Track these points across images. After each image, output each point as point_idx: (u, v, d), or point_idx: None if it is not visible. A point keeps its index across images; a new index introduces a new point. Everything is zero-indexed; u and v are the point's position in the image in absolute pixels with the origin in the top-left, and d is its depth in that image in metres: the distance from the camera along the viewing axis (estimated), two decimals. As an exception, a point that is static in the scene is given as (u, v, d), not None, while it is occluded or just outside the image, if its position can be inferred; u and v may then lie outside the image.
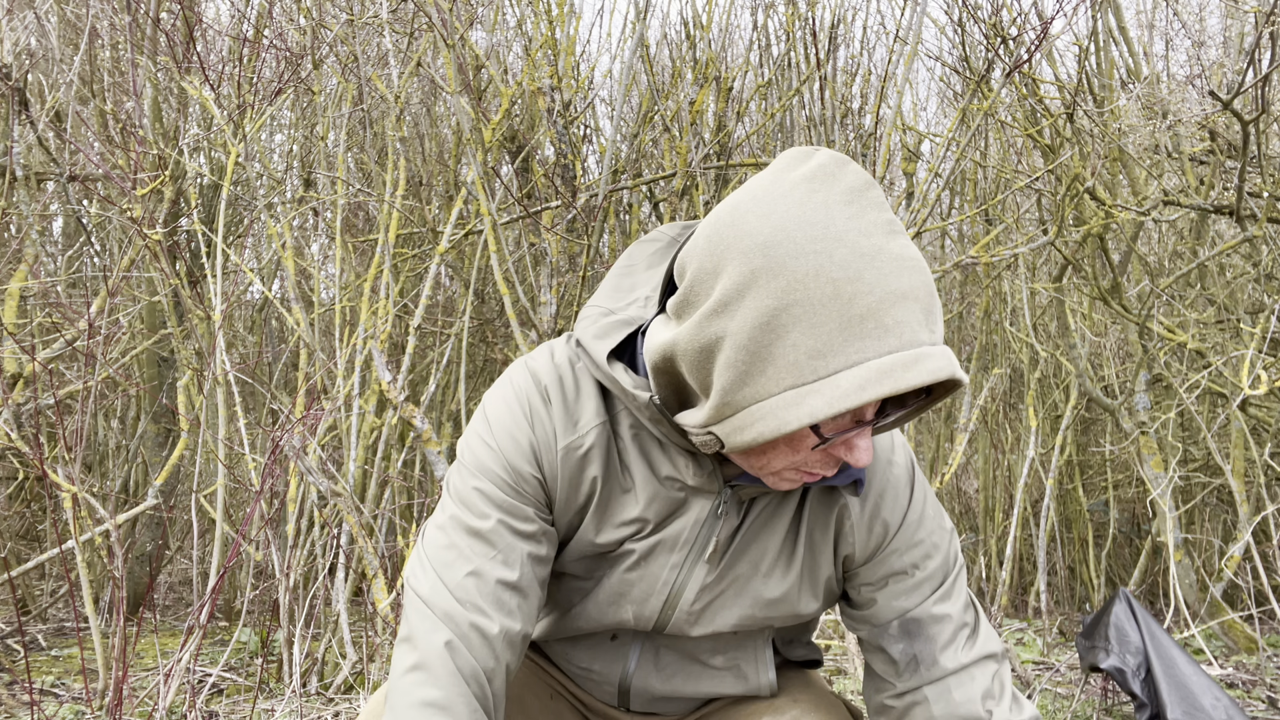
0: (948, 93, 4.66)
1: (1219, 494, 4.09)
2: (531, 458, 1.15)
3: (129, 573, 3.35)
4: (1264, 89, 2.74)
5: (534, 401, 1.16)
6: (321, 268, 3.76)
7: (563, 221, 3.18)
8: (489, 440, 1.16)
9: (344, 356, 3.09)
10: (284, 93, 3.24)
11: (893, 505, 1.17)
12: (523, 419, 1.15)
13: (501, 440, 1.16)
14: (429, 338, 3.81)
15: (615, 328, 1.12)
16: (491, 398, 1.19)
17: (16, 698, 2.81)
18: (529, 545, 1.14)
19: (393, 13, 3.25)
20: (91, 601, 2.82)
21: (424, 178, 3.82)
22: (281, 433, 2.70)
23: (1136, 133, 3.51)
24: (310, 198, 3.75)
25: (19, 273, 3.36)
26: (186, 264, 3.49)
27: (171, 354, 3.86)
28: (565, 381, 1.17)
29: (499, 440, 1.16)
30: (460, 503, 1.16)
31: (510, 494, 1.15)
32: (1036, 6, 3.08)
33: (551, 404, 1.16)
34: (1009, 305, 4.18)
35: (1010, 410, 4.60)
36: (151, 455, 3.86)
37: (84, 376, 2.95)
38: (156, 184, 3.15)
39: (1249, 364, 2.92)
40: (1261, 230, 3.08)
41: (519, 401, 1.16)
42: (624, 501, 1.17)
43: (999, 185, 4.12)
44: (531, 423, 1.15)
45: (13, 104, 3.11)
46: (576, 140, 3.29)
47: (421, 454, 3.58)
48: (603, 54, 7.78)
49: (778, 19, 3.55)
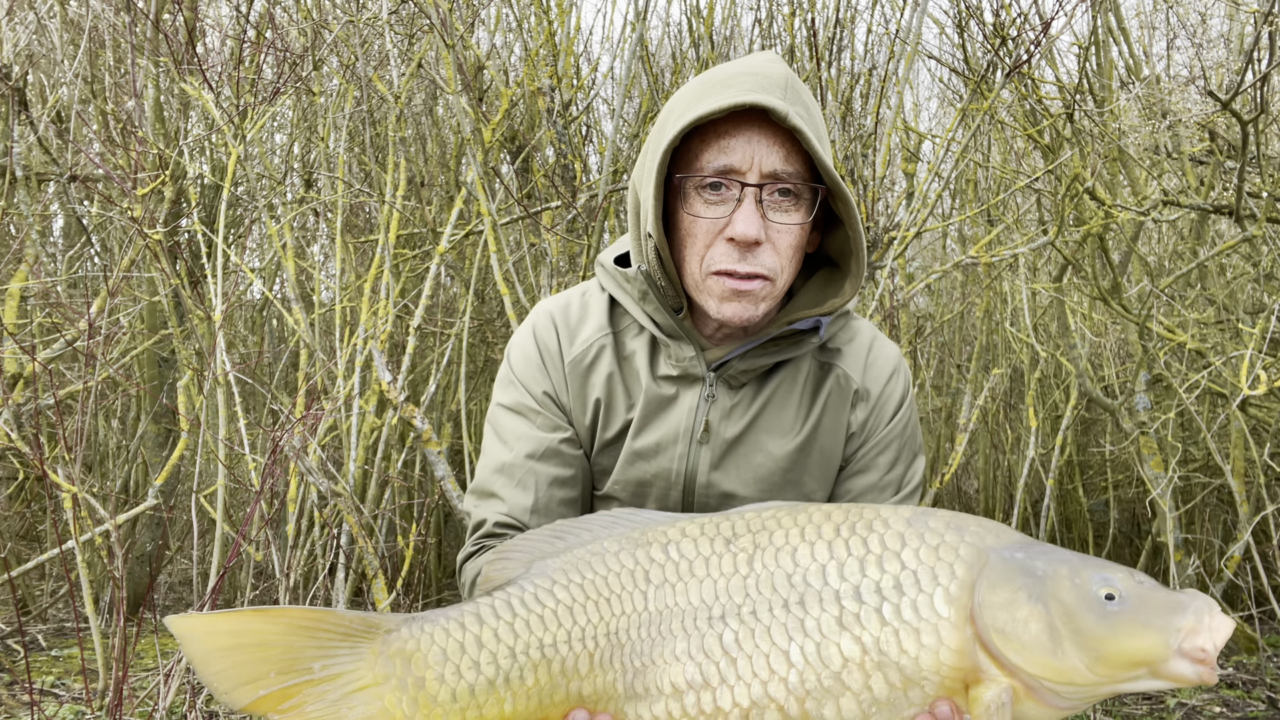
0: (948, 93, 4.67)
1: (1219, 494, 4.08)
2: (544, 375, 1.40)
3: (129, 573, 3.35)
4: (1263, 89, 2.74)
5: (540, 329, 1.41)
6: (322, 268, 3.76)
7: (563, 221, 3.18)
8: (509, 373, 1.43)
9: (344, 356, 3.09)
10: (283, 94, 3.24)
11: (881, 411, 1.43)
12: (532, 346, 1.41)
13: (518, 368, 1.41)
14: (429, 338, 3.81)
15: (622, 245, 1.43)
16: (512, 339, 1.46)
17: (16, 698, 2.81)
18: (553, 462, 1.38)
19: (393, 13, 3.25)
20: (91, 601, 2.82)
21: (424, 178, 3.82)
22: (281, 433, 2.70)
23: (1136, 133, 3.51)
24: (311, 198, 3.75)
25: (19, 273, 3.36)
26: (187, 264, 3.49)
27: (172, 354, 3.86)
28: (571, 307, 1.43)
29: (517, 369, 1.41)
30: (491, 423, 1.44)
31: (533, 409, 1.39)
32: (1036, 6, 3.08)
33: (556, 327, 1.41)
34: (1009, 305, 4.18)
35: (1010, 410, 4.60)
36: (151, 455, 3.86)
37: (84, 376, 2.95)
38: (156, 184, 3.15)
39: (1249, 364, 2.92)
40: (1261, 230, 3.08)
41: (529, 333, 1.42)
42: (622, 406, 1.39)
43: (999, 185, 4.12)
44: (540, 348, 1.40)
45: (13, 104, 3.11)
46: (577, 140, 3.29)
47: (421, 454, 3.57)
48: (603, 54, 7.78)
49: (779, 19, 3.55)
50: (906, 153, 3.93)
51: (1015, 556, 1.02)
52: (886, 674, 1.00)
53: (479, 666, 1.06)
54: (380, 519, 3.25)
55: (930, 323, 4.60)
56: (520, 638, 1.07)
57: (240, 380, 3.10)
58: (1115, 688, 0.99)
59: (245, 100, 3.06)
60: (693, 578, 1.08)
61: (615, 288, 1.39)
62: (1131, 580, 1.00)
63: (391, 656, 1.05)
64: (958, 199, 4.51)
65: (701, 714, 1.03)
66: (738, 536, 1.10)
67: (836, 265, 1.38)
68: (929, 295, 4.69)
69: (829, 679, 1.01)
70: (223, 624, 1.02)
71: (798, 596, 1.04)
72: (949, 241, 4.93)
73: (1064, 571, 1.01)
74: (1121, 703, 3.09)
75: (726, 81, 1.23)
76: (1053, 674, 0.98)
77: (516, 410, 1.40)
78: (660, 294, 1.31)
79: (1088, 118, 3.42)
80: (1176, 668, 0.96)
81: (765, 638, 1.04)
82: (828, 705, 1.01)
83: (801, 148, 1.24)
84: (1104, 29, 3.61)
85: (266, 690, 1.01)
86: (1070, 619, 0.98)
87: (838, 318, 1.41)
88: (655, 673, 1.05)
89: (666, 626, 1.07)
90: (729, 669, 1.03)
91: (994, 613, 0.99)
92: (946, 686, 0.99)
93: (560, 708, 1.06)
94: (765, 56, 1.28)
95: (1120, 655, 0.97)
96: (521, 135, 3.58)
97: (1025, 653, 0.98)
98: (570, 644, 1.07)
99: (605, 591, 1.09)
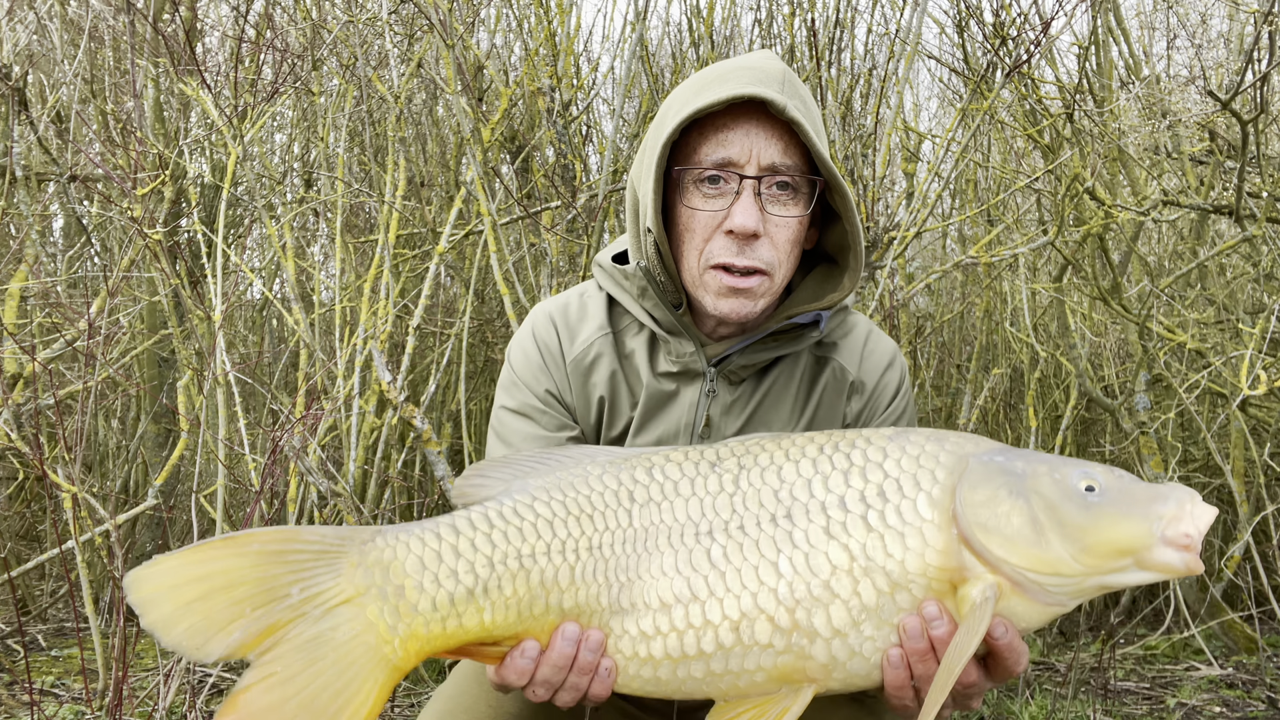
0: (948, 93, 4.67)
1: (1219, 494, 4.08)
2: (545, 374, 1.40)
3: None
4: (1263, 89, 2.74)
5: (540, 330, 1.42)
6: (322, 268, 3.76)
7: (563, 221, 3.18)
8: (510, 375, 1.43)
9: (344, 356, 3.09)
10: (282, 94, 3.24)
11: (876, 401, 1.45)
12: (532, 346, 1.41)
13: (519, 368, 1.41)
14: (429, 338, 3.81)
15: (619, 245, 1.44)
16: (512, 342, 1.47)
17: (16, 698, 2.81)
18: None
19: (393, 13, 3.25)
20: (91, 601, 2.82)
21: (424, 178, 3.82)
22: (281, 433, 2.70)
23: (1136, 133, 3.51)
24: (310, 198, 3.75)
25: (19, 273, 3.36)
26: (186, 264, 3.49)
27: (171, 354, 3.86)
28: (570, 308, 1.43)
29: (518, 370, 1.41)
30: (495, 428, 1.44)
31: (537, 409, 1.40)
32: (1036, 6, 3.08)
33: (556, 327, 1.41)
34: (1009, 305, 4.18)
35: (1010, 410, 4.59)
36: (151, 455, 3.86)
37: (84, 376, 2.95)
38: (156, 184, 3.15)
39: (1249, 364, 2.92)
40: (1261, 230, 3.08)
41: (529, 334, 1.43)
42: (626, 403, 1.40)
43: (999, 185, 4.12)
44: (540, 348, 1.40)
45: (13, 104, 3.11)
46: (577, 140, 3.29)
47: (421, 454, 3.57)
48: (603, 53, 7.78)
49: (779, 19, 3.55)
50: (906, 153, 3.93)
51: (995, 459, 1.04)
52: (874, 579, 1.01)
53: (457, 575, 1.05)
54: (380, 519, 3.25)
55: (930, 323, 4.60)
56: (498, 548, 1.06)
57: (240, 380, 3.09)
58: (1103, 580, 0.99)
59: (244, 100, 3.06)
60: (678, 496, 1.09)
61: (614, 286, 1.40)
62: (1111, 474, 1.02)
63: (370, 566, 1.03)
64: (957, 199, 4.51)
65: (690, 627, 1.03)
66: (722, 460, 1.11)
67: (834, 261, 1.39)
68: (929, 295, 4.69)
69: (818, 588, 1.01)
70: (189, 568, 0.96)
71: (785, 510, 1.05)
72: (949, 241, 4.93)
73: (1043, 469, 1.02)
74: (1121, 703, 3.09)
75: (724, 76, 1.24)
76: (1038, 565, 0.98)
77: (521, 412, 1.40)
78: (659, 290, 1.31)
79: (1088, 118, 3.42)
80: (1162, 556, 0.96)
81: (754, 550, 1.04)
82: (818, 614, 1.01)
83: (799, 141, 1.25)
84: (1104, 29, 3.61)
85: (242, 632, 0.96)
86: (1052, 511, 0.99)
87: (836, 312, 1.42)
88: (641, 587, 1.05)
89: (652, 542, 1.07)
90: (718, 582, 1.04)
91: (976, 510, 1.00)
92: (934, 589, 1.00)
93: (541, 620, 1.05)
94: (762, 54, 1.30)
95: (1104, 544, 0.97)
96: (521, 135, 3.57)
97: (1009, 545, 0.98)
98: (550, 556, 1.06)
99: (588, 508, 1.09)
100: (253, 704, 0.96)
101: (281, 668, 0.97)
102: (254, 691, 0.96)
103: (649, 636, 1.04)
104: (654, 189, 1.25)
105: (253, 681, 0.96)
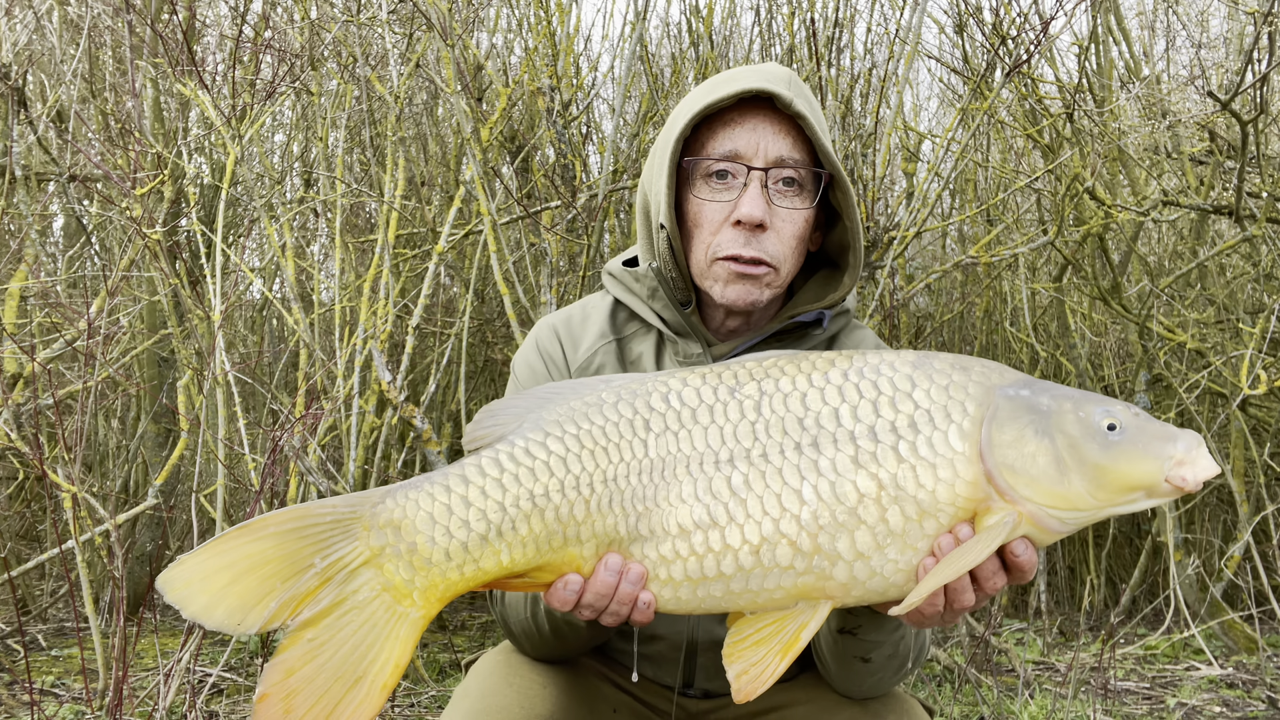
0: (948, 93, 4.67)
1: (1219, 494, 4.08)
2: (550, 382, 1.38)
3: (129, 573, 3.35)
4: (1263, 89, 2.74)
5: (543, 340, 1.45)
6: (321, 268, 3.76)
7: (563, 221, 3.18)
8: (515, 388, 1.45)
9: (344, 356, 3.09)
10: (281, 94, 3.24)
11: None
12: (536, 357, 1.44)
13: (524, 380, 1.44)
14: (429, 338, 3.81)
15: (627, 254, 1.48)
16: (516, 355, 1.49)
17: (16, 698, 2.81)
18: None
19: (391, 13, 3.25)
20: (91, 601, 2.82)
21: (424, 178, 3.82)
22: (281, 432, 2.70)
23: (1136, 133, 3.51)
24: (310, 198, 3.75)
25: (19, 273, 3.36)
26: (186, 264, 3.49)
27: (171, 354, 3.86)
28: (573, 319, 1.47)
29: (523, 381, 1.43)
30: None
31: None
32: (1036, 6, 3.08)
33: (560, 337, 1.44)
34: (1009, 305, 4.18)
35: (1010, 410, 4.59)
36: (151, 455, 3.86)
37: (84, 376, 2.95)
38: (155, 184, 3.15)
39: (1249, 364, 2.93)
40: (1261, 230, 3.08)
41: (533, 345, 1.45)
42: None
43: (999, 185, 4.12)
44: (544, 358, 1.43)
45: (12, 104, 3.11)
46: (577, 140, 3.29)
47: (421, 454, 3.57)
48: (603, 53, 7.78)
49: (779, 19, 3.55)
50: (906, 153, 3.93)
51: (1021, 394, 1.07)
52: (904, 507, 1.04)
53: (469, 525, 1.07)
54: (380, 519, 3.24)
55: (930, 323, 4.60)
56: (509, 491, 1.08)
57: (240, 380, 3.09)
58: (1111, 510, 1.05)
59: (243, 100, 3.06)
60: (696, 425, 1.09)
61: (624, 290, 1.44)
62: (1129, 412, 1.06)
63: (382, 528, 1.07)
64: (957, 199, 4.51)
65: (710, 551, 1.05)
66: (741, 385, 1.11)
67: (837, 266, 1.43)
68: (929, 295, 4.69)
69: (844, 514, 1.04)
70: (214, 559, 1.03)
71: (810, 439, 1.07)
72: (949, 241, 4.93)
73: (1068, 406, 1.06)
74: (1122, 703, 3.09)
75: (733, 78, 1.30)
76: (1059, 502, 1.03)
77: None
78: (670, 288, 1.35)
79: (1087, 117, 3.42)
80: (1164, 490, 1.03)
81: (776, 478, 1.06)
82: (841, 538, 1.04)
83: (805, 138, 1.31)
84: (1104, 29, 3.62)
85: (277, 602, 1.03)
86: (1075, 450, 1.03)
87: (838, 315, 1.46)
88: (660, 514, 1.07)
89: (670, 472, 1.08)
90: (738, 508, 1.05)
91: (1004, 451, 1.04)
92: (959, 517, 1.04)
93: (560, 553, 1.08)
94: (769, 63, 1.35)
95: (1121, 481, 1.03)
96: (521, 135, 3.57)
97: (1034, 485, 1.03)
98: (564, 492, 1.08)
99: (602, 440, 1.09)
100: (292, 664, 1.03)
101: (314, 631, 1.04)
102: (291, 654, 1.03)
103: (669, 561, 1.07)
104: (667, 185, 1.30)
105: (289, 645, 1.04)
